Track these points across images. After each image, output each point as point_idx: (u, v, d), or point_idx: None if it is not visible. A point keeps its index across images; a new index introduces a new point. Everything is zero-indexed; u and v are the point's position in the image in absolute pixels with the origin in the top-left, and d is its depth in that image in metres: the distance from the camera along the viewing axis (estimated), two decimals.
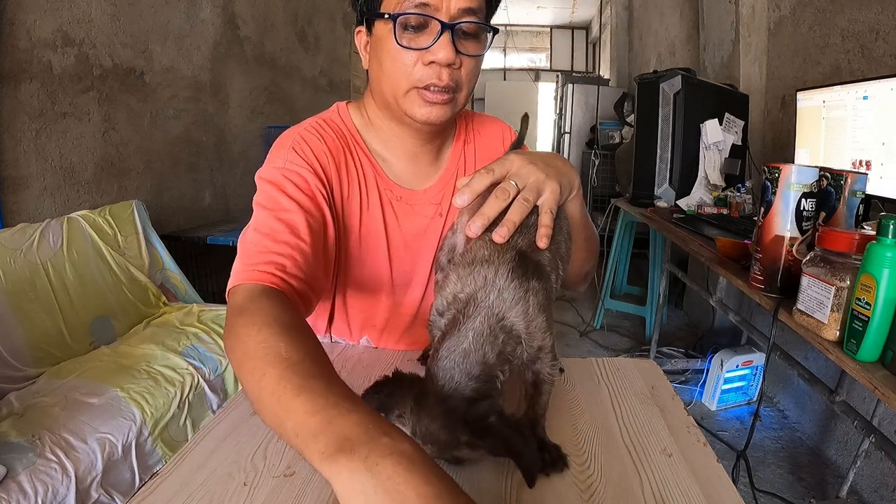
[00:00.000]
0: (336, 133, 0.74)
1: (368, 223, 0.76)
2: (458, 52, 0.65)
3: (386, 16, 0.65)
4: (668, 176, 2.25)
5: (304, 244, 0.62)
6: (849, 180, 1.08)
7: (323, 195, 0.68)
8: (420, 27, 0.65)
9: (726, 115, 2.19)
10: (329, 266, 0.71)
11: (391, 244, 0.78)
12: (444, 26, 0.63)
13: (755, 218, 1.13)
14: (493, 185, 0.57)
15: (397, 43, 0.65)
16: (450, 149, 0.83)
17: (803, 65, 2.12)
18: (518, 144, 0.81)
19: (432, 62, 0.64)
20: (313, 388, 0.37)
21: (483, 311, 0.47)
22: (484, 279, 0.48)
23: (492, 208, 0.54)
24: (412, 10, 0.63)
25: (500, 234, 0.52)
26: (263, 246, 0.59)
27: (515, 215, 0.54)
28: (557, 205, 0.58)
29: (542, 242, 0.54)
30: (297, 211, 0.64)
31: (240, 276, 0.56)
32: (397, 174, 0.78)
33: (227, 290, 0.57)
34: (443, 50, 0.64)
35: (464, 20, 0.64)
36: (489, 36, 0.69)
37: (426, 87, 0.66)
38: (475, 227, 0.54)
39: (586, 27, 8.68)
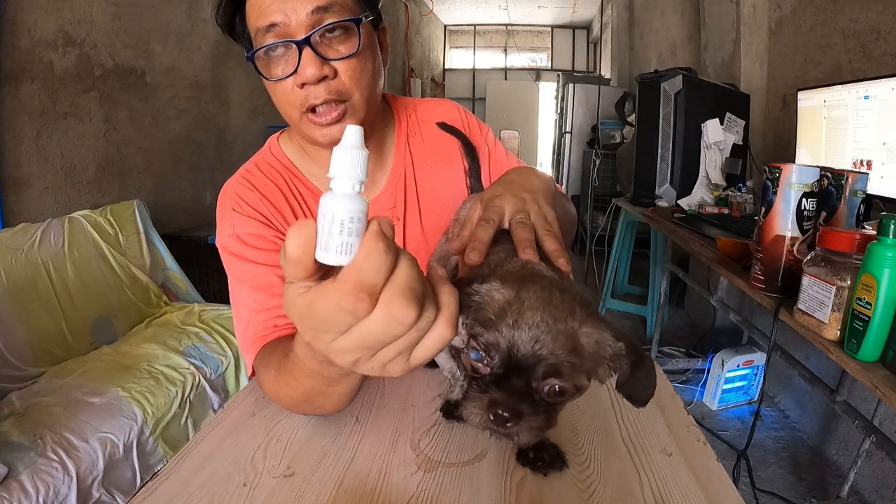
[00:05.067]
0: (268, 174, 0.74)
1: None
2: (327, 60, 0.62)
3: (246, 56, 0.65)
4: (668, 175, 2.25)
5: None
6: (850, 180, 1.07)
7: (282, 238, 0.70)
8: (281, 51, 0.62)
9: (727, 114, 2.19)
10: None
11: None
12: (298, 45, 0.60)
13: (756, 217, 1.13)
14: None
15: (266, 79, 0.64)
16: (392, 147, 0.79)
17: (804, 64, 2.12)
18: (469, 147, 0.76)
19: (304, 83, 0.62)
20: (295, 369, 0.52)
21: None
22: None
23: (526, 238, 0.51)
24: (263, 44, 0.62)
25: (565, 264, 0.50)
26: (252, 318, 0.66)
27: (555, 244, 0.52)
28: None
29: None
30: (267, 271, 0.67)
31: (249, 351, 0.66)
32: None
33: (251, 368, 0.67)
34: (308, 68, 0.61)
35: (318, 27, 0.61)
36: (360, 28, 0.63)
37: (312, 110, 0.64)
38: (529, 257, 0.50)
39: (587, 27, 8.66)
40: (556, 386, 0.37)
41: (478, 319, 0.39)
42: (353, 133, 0.30)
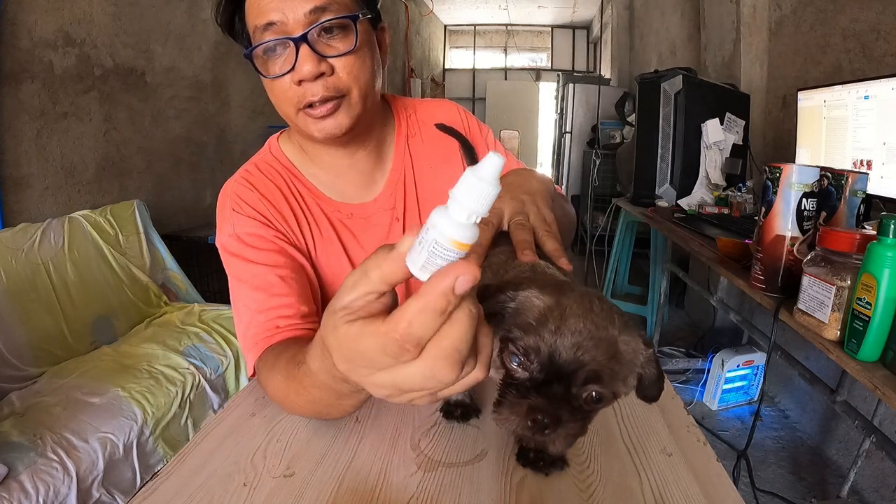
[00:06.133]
0: (267, 174, 0.74)
1: (326, 249, 0.75)
2: (325, 57, 0.62)
3: (244, 54, 0.65)
4: (668, 175, 2.25)
5: (286, 296, 0.66)
6: (850, 180, 1.07)
7: (282, 238, 0.70)
8: (278, 49, 0.63)
9: (727, 114, 2.19)
10: (318, 292, 0.73)
11: (354, 263, 0.75)
12: (295, 42, 0.61)
13: (756, 217, 1.13)
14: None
15: (264, 76, 0.65)
16: (391, 147, 0.80)
17: (804, 64, 2.12)
18: (468, 147, 0.77)
19: (301, 80, 0.62)
20: (305, 380, 0.49)
21: None
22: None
23: (525, 240, 0.53)
24: (261, 41, 0.62)
25: (566, 263, 0.52)
26: (253, 319, 0.66)
27: (555, 244, 0.53)
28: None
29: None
30: (267, 271, 0.67)
31: (251, 352, 0.66)
32: (342, 192, 0.76)
33: (252, 368, 0.66)
34: (305, 65, 0.61)
35: (314, 25, 0.61)
36: (357, 25, 0.64)
37: (309, 106, 0.64)
38: (529, 259, 0.51)
39: (587, 27, 8.66)
40: (595, 392, 0.37)
41: (516, 324, 0.38)
42: (493, 164, 0.28)
